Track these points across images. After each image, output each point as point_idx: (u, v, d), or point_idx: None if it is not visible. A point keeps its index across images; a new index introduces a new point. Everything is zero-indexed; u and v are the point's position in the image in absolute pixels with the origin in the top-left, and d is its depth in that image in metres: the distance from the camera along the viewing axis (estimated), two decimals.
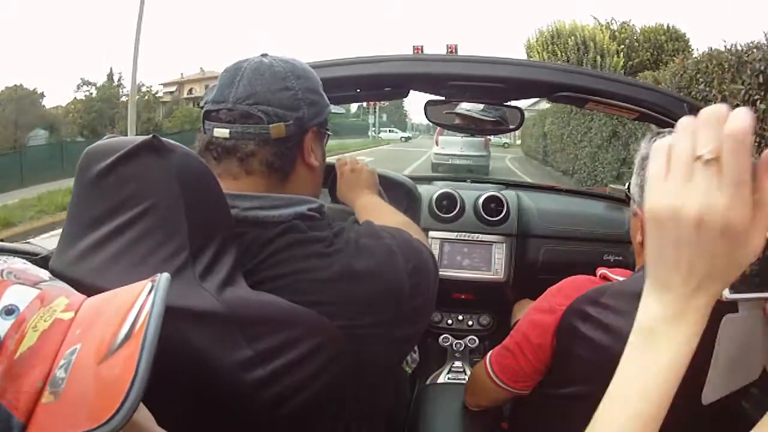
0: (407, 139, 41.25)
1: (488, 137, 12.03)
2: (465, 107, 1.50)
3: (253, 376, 0.56)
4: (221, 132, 0.68)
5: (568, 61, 13.57)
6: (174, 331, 0.53)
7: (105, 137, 0.65)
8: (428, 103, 1.42)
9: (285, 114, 0.69)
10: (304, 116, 0.70)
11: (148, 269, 0.55)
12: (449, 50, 16.48)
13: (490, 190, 1.61)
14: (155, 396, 0.46)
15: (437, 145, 12.53)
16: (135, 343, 0.35)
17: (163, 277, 0.40)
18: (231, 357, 0.55)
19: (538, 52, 14.24)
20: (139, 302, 0.38)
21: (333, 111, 0.78)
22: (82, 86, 28.55)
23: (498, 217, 1.55)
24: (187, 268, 0.56)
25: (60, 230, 0.65)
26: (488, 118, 1.49)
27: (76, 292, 0.43)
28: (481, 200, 1.58)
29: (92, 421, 0.32)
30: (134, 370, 0.34)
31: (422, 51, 16.06)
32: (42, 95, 26.70)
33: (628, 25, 14.34)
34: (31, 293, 0.37)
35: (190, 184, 0.58)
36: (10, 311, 0.35)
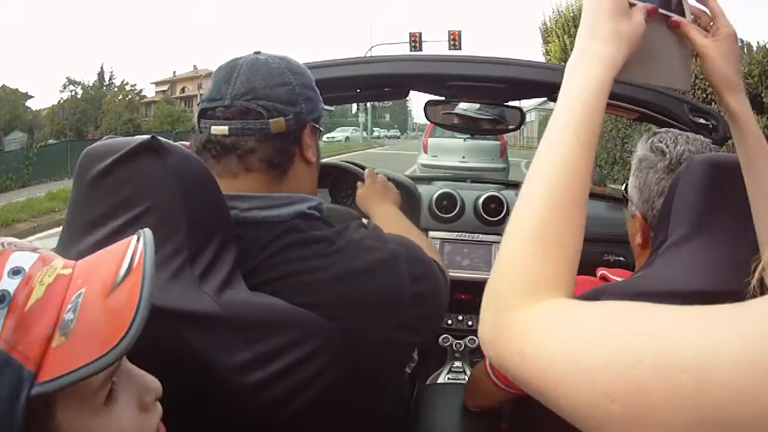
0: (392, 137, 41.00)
1: (504, 140, 8.22)
2: (463, 107, 1.50)
3: (253, 379, 0.56)
4: (219, 129, 0.67)
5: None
6: (173, 334, 0.53)
7: (104, 138, 0.65)
8: (428, 103, 1.42)
9: (284, 108, 0.68)
10: (302, 111, 0.70)
11: None
12: (452, 36, 16.10)
13: (490, 190, 1.61)
14: None
15: (425, 153, 8.36)
16: (136, 275, 0.39)
17: (147, 231, 0.44)
18: (230, 360, 0.55)
19: (558, 36, 12.51)
20: (131, 248, 0.42)
21: (325, 108, 0.78)
22: (68, 86, 28.03)
23: (498, 217, 1.55)
24: (186, 269, 0.56)
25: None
26: (486, 117, 1.49)
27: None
28: (481, 200, 1.57)
29: (105, 347, 0.36)
30: (138, 294, 0.38)
31: (420, 38, 15.82)
32: (27, 95, 26.35)
33: None
34: (32, 256, 0.40)
35: (189, 184, 0.58)
36: (16, 271, 0.38)
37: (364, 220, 0.93)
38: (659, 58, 0.58)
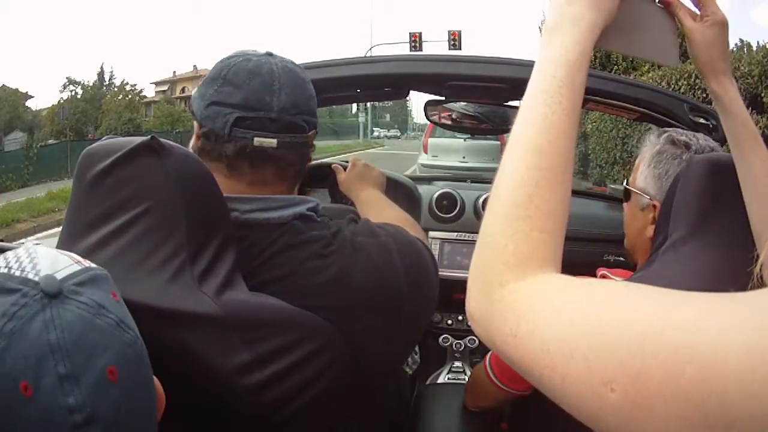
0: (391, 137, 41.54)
1: (504, 140, 6.70)
2: (463, 107, 1.50)
3: (252, 380, 0.56)
4: (268, 141, 0.66)
5: (594, 46, 12.22)
6: (172, 335, 0.53)
7: (104, 138, 0.65)
8: (428, 103, 1.42)
9: (313, 121, 0.71)
10: (318, 119, 0.73)
11: (146, 270, 0.55)
12: (452, 36, 16.05)
13: (490, 190, 1.61)
14: None
15: (425, 153, 8.43)
16: None
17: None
18: (229, 361, 0.55)
19: None
20: None
21: None
22: (68, 86, 27.95)
23: None
24: (186, 269, 0.56)
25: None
26: (486, 117, 1.49)
27: None
28: (481, 200, 1.57)
29: None
30: None
31: (420, 38, 15.80)
32: (27, 95, 26.42)
33: None
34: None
35: (189, 185, 0.58)
36: None
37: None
38: (645, 31, 0.57)
